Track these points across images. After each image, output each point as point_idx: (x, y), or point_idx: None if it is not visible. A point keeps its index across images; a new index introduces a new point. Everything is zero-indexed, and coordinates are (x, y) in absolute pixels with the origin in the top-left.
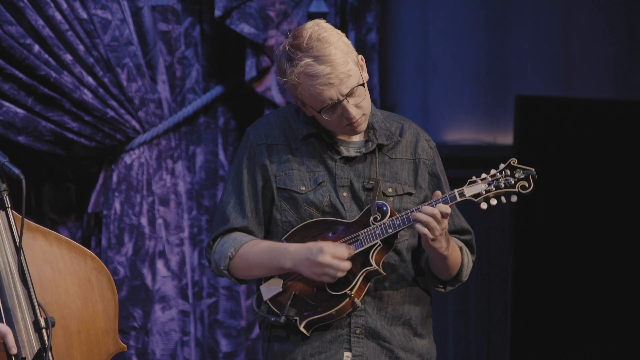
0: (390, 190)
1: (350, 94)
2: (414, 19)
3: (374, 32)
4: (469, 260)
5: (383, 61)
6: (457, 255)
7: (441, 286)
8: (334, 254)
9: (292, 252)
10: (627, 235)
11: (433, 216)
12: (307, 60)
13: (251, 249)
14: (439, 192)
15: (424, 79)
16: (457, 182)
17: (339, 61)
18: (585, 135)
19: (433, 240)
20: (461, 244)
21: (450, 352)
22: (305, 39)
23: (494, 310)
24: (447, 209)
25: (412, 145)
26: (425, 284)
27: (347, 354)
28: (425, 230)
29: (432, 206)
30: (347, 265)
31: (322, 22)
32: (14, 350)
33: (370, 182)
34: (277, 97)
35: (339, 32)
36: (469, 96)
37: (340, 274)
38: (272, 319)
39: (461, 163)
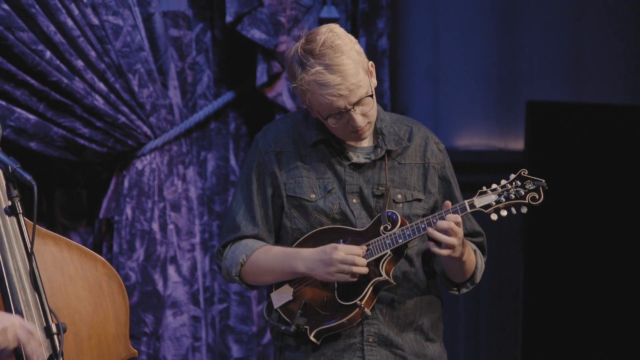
0: (399, 196)
1: (358, 103)
2: (425, 25)
3: (385, 38)
4: (482, 262)
5: (394, 67)
6: (472, 259)
7: (455, 289)
8: (347, 251)
9: (305, 255)
10: None
11: (448, 231)
12: (319, 68)
13: (263, 254)
14: (448, 203)
15: (434, 84)
16: (468, 187)
17: (350, 72)
18: (597, 141)
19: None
20: (475, 247)
21: (461, 358)
22: (318, 45)
23: (505, 315)
24: (457, 218)
25: (421, 150)
26: (436, 288)
27: None
28: (446, 252)
29: (442, 217)
30: (362, 261)
31: (336, 28)
32: (43, 348)
33: (380, 188)
34: (288, 102)
35: (352, 38)
36: (480, 101)
37: (356, 270)
38: (282, 327)
39: (472, 168)
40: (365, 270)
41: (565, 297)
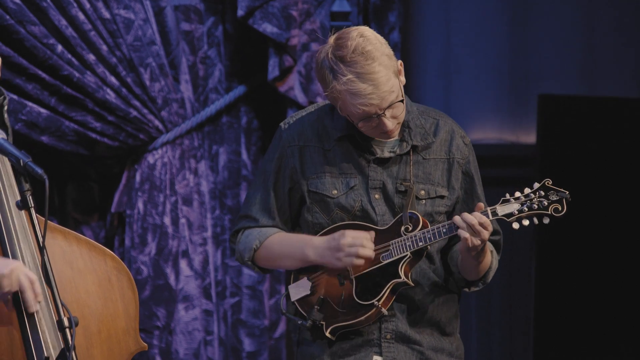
0: (422, 192)
1: (388, 107)
2: (437, 18)
3: (397, 32)
4: (496, 262)
5: (405, 60)
6: (488, 259)
7: (467, 286)
8: (354, 235)
9: (316, 243)
10: None
11: (472, 226)
12: (350, 76)
13: (277, 240)
14: (481, 205)
15: (446, 78)
16: (481, 180)
17: (381, 79)
18: (609, 134)
19: (471, 248)
20: (492, 247)
21: (474, 353)
22: (349, 51)
23: (517, 311)
24: (487, 221)
25: (447, 144)
26: (454, 284)
27: (376, 357)
28: (467, 234)
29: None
30: (370, 244)
31: (366, 32)
32: (40, 298)
33: (404, 184)
34: (299, 96)
35: (382, 40)
36: (492, 95)
37: (362, 252)
38: (299, 321)
39: (484, 162)
40: (372, 253)
41: (577, 292)
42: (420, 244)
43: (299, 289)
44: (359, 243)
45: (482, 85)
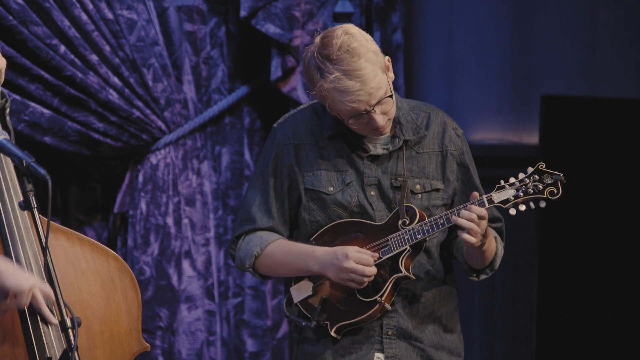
0: (418, 187)
1: (377, 103)
2: (439, 19)
3: (400, 32)
4: (501, 249)
5: (408, 61)
6: (493, 246)
7: (475, 275)
8: (358, 260)
9: (319, 256)
10: None
11: (472, 221)
12: (337, 74)
13: (278, 249)
14: (476, 194)
15: (449, 78)
16: (483, 181)
17: (368, 76)
18: (611, 135)
19: (474, 241)
20: (495, 233)
21: (476, 348)
22: (335, 50)
23: (520, 306)
24: (482, 211)
25: (439, 137)
26: (453, 278)
27: (378, 355)
28: (469, 237)
29: (466, 209)
30: (373, 271)
31: (350, 29)
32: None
33: (398, 179)
34: (302, 97)
35: (368, 37)
36: (494, 96)
37: (367, 279)
38: (303, 323)
39: (486, 162)
40: (372, 278)
41: (580, 286)
42: (419, 236)
43: (301, 291)
44: (361, 271)
45: (485, 85)
